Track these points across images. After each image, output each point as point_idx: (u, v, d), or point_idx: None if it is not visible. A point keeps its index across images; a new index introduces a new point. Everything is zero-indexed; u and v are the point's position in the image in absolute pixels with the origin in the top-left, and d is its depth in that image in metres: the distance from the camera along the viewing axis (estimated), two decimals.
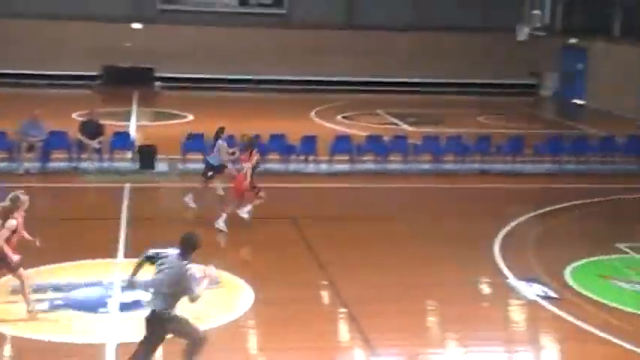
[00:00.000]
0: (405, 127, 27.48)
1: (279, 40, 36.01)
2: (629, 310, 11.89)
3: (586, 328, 11.19)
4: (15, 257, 10.60)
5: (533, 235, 15.65)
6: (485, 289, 13.12)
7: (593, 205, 18.01)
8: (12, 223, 10.50)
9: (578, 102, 34.94)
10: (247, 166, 14.92)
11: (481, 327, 11.38)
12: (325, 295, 12.54)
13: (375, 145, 21.43)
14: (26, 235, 10.85)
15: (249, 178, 14.89)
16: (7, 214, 10.56)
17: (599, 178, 20.64)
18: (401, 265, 13.55)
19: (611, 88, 32.71)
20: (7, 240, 10.50)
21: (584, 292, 12.50)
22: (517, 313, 12.21)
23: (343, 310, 11.72)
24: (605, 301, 12.15)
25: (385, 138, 21.92)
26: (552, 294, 12.41)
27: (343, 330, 11.32)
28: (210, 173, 16.29)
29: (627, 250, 14.60)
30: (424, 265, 13.65)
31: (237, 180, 15.09)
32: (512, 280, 13.00)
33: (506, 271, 13.39)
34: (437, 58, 36.66)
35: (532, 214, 16.94)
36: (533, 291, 12.50)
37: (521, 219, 16.50)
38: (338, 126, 27.01)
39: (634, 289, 12.77)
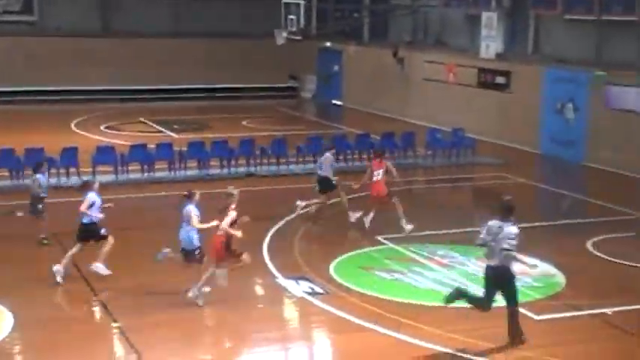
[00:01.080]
0: (171, 134, 27.34)
1: (29, 48, 34.40)
2: (389, 298, 12.66)
3: (351, 319, 11.77)
4: None
5: (299, 233, 16.19)
6: (257, 289, 13.43)
7: (353, 201, 18.88)
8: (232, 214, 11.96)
9: (336, 102, 36.50)
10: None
11: (256, 328, 11.64)
12: (95, 311, 12.23)
13: (140, 153, 21.16)
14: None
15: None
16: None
17: (355, 175, 21.70)
18: (168, 273, 13.48)
19: (364, 87, 34.54)
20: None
21: (348, 285, 13.14)
22: (288, 312, 12.64)
23: (115, 324, 11.52)
24: (367, 292, 12.85)
25: (150, 146, 21.70)
26: (319, 289, 12.95)
27: (116, 346, 11.11)
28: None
29: (385, 241, 15.51)
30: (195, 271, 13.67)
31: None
32: (281, 279, 13.40)
33: (274, 270, 13.77)
34: (199, 65, 36.72)
35: (298, 213, 17.49)
36: (300, 288, 12.97)
37: (288, 219, 17.02)
38: (101, 137, 26.33)
39: (392, 277, 13.61)
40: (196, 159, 21.65)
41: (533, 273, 12.87)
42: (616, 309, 12.09)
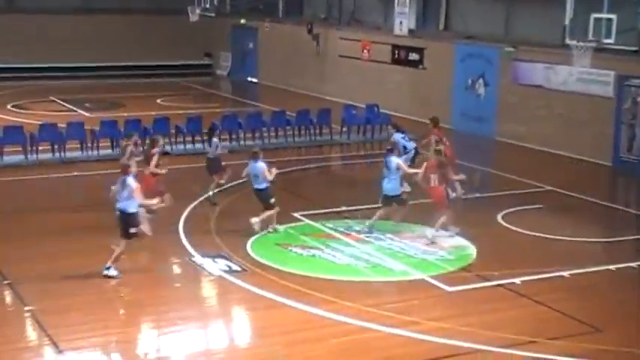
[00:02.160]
0: (83, 113, 26.78)
1: None
2: (306, 274, 12.78)
3: (268, 296, 11.85)
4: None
5: (217, 212, 16.14)
6: (174, 269, 13.38)
7: None
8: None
9: (252, 79, 36.35)
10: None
11: (173, 307, 11.60)
12: (6, 295, 11.98)
13: (50, 133, 20.68)
14: None
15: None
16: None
17: (272, 152, 21.77)
18: (86, 255, 13.29)
19: (280, 64, 34.51)
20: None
21: (265, 262, 13.21)
22: (205, 290, 12.62)
23: (28, 308, 11.31)
24: (284, 269, 12.94)
25: (61, 125, 21.24)
26: (236, 267, 12.98)
27: (29, 330, 10.92)
28: None
29: (302, 218, 15.62)
30: (111, 252, 13.53)
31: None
32: (197, 257, 13.38)
33: (191, 249, 13.73)
34: (111, 42, 36.06)
35: (214, 191, 17.41)
36: (218, 266, 12.98)
37: (204, 197, 16.93)
38: (8, 116, 25.60)
39: (309, 253, 13.74)
40: (109, 138, 21.28)
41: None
42: (524, 278, 12.50)
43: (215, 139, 17.21)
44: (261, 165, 14.58)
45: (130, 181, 12.55)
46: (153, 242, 13.96)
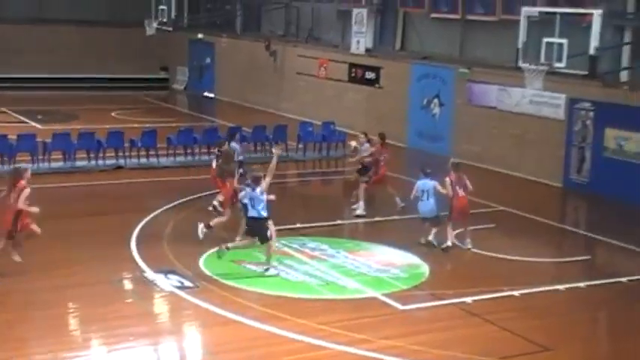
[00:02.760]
0: (34, 124, 26.44)
1: None
2: (260, 291, 12.74)
3: (221, 312, 11.78)
4: None
5: (170, 226, 16.02)
6: (125, 284, 13.22)
7: None
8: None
9: (208, 94, 36.25)
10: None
11: (123, 323, 11.46)
12: None
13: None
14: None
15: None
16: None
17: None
18: (37, 269, 13.09)
19: (237, 79, 34.50)
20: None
21: (218, 278, 13.13)
22: (157, 306, 12.50)
23: None
24: (237, 285, 12.88)
25: (11, 137, 20.93)
26: (188, 283, 12.89)
27: None
28: None
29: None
30: (62, 267, 13.36)
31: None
32: (149, 273, 13.26)
33: (143, 265, 13.60)
34: (66, 53, 35.71)
35: (168, 206, 17.32)
36: (170, 282, 12.87)
37: (158, 212, 16.82)
38: None
39: (262, 270, 13.66)
40: (61, 151, 21.03)
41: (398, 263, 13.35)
42: (476, 297, 12.62)
43: (234, 144, 17.29)
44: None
45: None
46: (104, 257, 13.81)
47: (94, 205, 17.65)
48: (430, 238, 15.14)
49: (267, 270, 13.45)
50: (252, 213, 13.41)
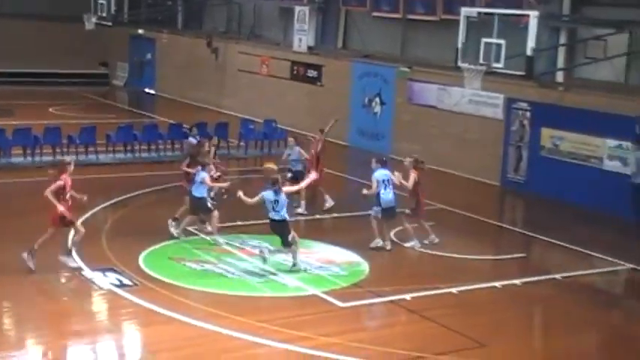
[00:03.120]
0: None
1: None
2: (200, 289, 12.69)
3: (160, 310, 11.69)
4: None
5: (108, 224, 15.84)
6: (63, 283, 13.02)
7: (164, 191, 18.74)
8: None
9: (149, 91, 35.90)
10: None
11: (60, 322, 11.32)
12: None
13: None
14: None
15: None
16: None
17: (168, 165, 21.55)
18: None
19: (178, 76, 34.23)
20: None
21: (157, 276, 13.03)
22: (95, 304, 12.35)
23: None
24: (176, 283, 12.81)
25: None
26: (127, 281, 12.76)
27: None
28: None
29: (196, 232, 15.49)
30: None
31: None
32: (87, 271, 13.08)
33: (80, 262, 13.40)
34: (3, 47, 34.92)
35: (106, 203, 17.12)
36: (108, 280, 12.73)
37: (96, 209, 16.60)
38: None
39: (203, 268, 13.64)
40: None
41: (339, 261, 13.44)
42: (415, 294, 12.77)
43: (192, 138, 17.81)
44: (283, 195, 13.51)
45: None
46: (40, 255, 13.57)
47: (29, 203, 17.28)
48: (392, 236, 15.33)
49: (294, 265, 13.63)
50: (274, 216, 13.42)
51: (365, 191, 15.02)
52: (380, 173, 14.99)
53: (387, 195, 14.93)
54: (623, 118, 18.38)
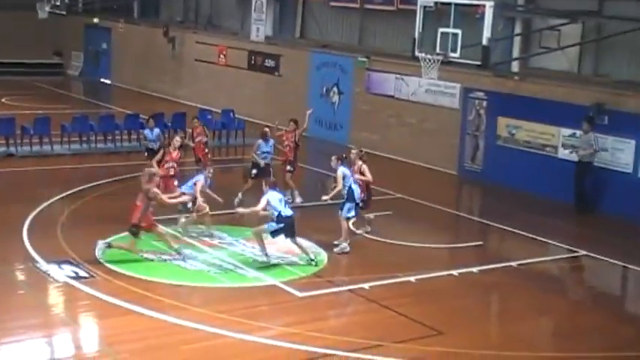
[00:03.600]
0: None
1: None
2: (157, 280, 12.60)
3: (117, 302, 11.59)
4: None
5: (63, 216, 15.65)
6: (17, 276, 12.86)
7: (121, 182, 18.56)
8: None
9: (105, 81, 35.48)
10: None
11: (15, 316, 11.14)
12: None
13: None
14: None
15: None
16: None
17: (125, 155, 21.35)
18: None
19: (134, 66, 33.88)
20: None
21: (115, 268, 12.91)
22: (51, 297, 12.20)
23: None
24: (134, 275, 12.70)
25: None
26: (84, 273, 12.62)
27: None
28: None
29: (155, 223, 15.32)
30: None
31: None
32: (42, 263, 12.91)
33: (35, 255, 13.24)
34: None
35: (62, 195, 16.91)
36: (64, 273, 12.58)
37: (51, 201, 16.41)
38: None
39: (160, 259, 13.54)
40: None
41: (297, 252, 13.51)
42: (373, 284, 12.84)
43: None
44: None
45: None
46: None
47: None
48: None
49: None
50: (288, 212, 13.56)
51: (326, 197, 14.74)
52: (343, 170, 14.68)
53: (357, 190, 14.69)
54: (578, 107, 18.64)
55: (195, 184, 14.71)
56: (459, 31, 17.88)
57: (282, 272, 13.29)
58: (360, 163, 15.42)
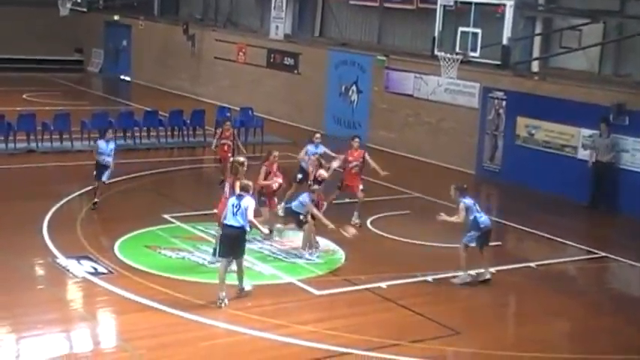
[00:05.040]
0: None
1: None
2: (175, 277, 12.65)
3: (136, 299, 11.66)
4: None
5: (83, 212, 15.75)
6: (37, 271, 12.96)
7: (139, 179, 18.67)
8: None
9: (125, 78, 35.63)
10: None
11: (34, 310, 11.22)
12: None
13: None
14: None
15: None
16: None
17: (144, 152, 21.46)
18: None
19: (154, 63, 34.01)
20: None
21: (133, 265, 12.99)
22: (70, 292, 12.28)
23: None
24: (152, 271, 12.77)
25: None
26: (103, 269, 12.71)
27: None
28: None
29: (172, 219, 15.45)
30: None
31: None
32: (62, 259, 13.01)
33: (55, 250, 13.33)
34: None
35: (82, 191, 17.01)
36: (83, 269, 12.67)
37: (71, 197, 16.51)
38: None
39: (178, 256, 13.60)
40: None
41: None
42: (390, 283, 12.83)
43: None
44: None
45: None
46: (14, 242, 13.49)
47: (3, 190, 17.18)
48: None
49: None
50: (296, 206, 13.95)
51: (443, 218, 13.69)
52: (466, 203, 13.40)
53: (484, 219, 13.45)
54: (598, 108, 18.52)
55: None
56: (478, 31, 17.84)
57: (299, 270, 13.32)
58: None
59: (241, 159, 13.18)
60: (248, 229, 11.72)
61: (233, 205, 11.62)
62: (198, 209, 15.65)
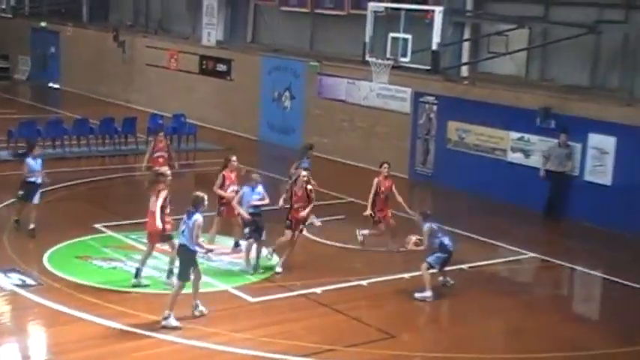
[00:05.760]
0: None
1: None
2: (107, 287, 12.44)
3: (67, 311, 11.43)
4: None
5: (11, 223, 15.35)
6: None
7: (70, 188, 18.33)
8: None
9: (54, 85, 34.96)
10: None
11: None
12: None
13: None
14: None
15: None
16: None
17: (75, 161, 21.07)
18: None
19: (84, 70, 33.46)
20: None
21: (64, 276, 12.74)
22: None
23: None
24: (83, 282, 12.54)
25: None
26: (32, 281, 12.41)
27: None
28: None
29: (104, 229, 15.21)
30: None
31: None
32: None
33: None
34: None
35: (9, 201, 16.59)
36: (11, 281, 12.36)
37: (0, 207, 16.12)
38: None
39: (110, 266, 13.39)
40: None
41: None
42: (325, 288, 12.85)
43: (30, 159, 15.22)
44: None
45: None
46: None
47: None
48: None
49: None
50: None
51: (404, 249, 14.14)
52: (430, 227, 13.52)
53: (449, 242, 13.50)
54: (526, 111, 18.91)
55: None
56: (409, 36, 18.03)
57: (234, 277, 13.24)
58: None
59: (162, 170, 13.01)
60: (196, 249, 11.49)
61: (182, 222, 11.43)
62: (131, 218, 15.41)
